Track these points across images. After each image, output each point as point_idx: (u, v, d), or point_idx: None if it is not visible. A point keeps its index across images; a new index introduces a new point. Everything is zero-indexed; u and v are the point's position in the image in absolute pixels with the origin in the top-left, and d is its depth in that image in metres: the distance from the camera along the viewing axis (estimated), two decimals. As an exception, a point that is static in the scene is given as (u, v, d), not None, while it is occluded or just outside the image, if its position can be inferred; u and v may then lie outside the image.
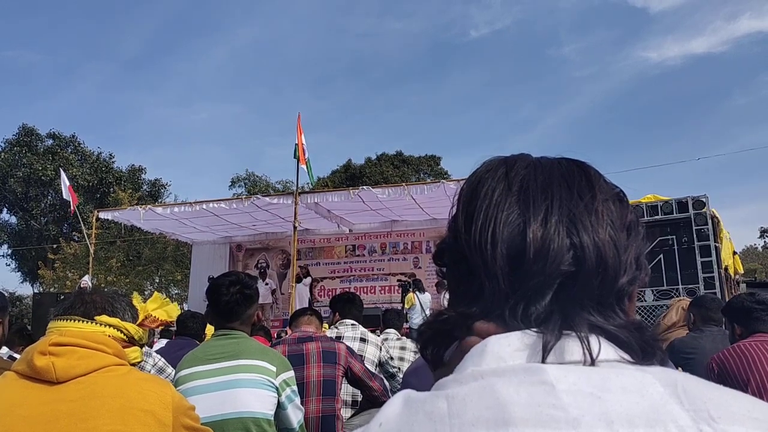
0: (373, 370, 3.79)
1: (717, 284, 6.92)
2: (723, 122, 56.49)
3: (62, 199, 14.37)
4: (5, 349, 3.17)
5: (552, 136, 54.87)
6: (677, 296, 6.20)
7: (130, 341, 1.59)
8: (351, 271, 15.18)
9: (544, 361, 0.49)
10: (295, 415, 2.47)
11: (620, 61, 55.62)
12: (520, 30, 56.50)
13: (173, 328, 5.01)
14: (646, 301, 7.11)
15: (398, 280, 13.80)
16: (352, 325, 4.05)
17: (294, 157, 11.32)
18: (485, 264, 0.55)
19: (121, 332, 1.56)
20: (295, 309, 3.98)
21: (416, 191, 12.01)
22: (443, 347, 0.58)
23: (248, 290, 2.54)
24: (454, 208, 0.62)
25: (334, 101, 58.90)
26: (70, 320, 1.51)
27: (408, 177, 29.98)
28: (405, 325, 7.89)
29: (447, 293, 0.61)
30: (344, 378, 3.30)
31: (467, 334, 0.55)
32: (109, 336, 1.51)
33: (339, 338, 3.79)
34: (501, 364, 0.50)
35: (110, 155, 30.68)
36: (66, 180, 14.14)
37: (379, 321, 6.55)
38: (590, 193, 0.57)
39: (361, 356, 3.77)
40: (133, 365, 1.55)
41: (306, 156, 11.47)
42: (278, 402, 2.41)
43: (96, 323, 1.52)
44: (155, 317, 1.57)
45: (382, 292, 14.68)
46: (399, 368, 4.28)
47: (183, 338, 4.50)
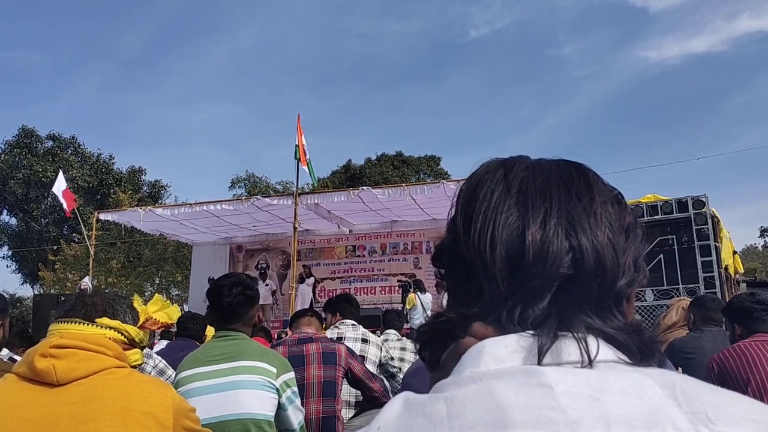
0: (374, 371, 3.79)
1: (717, 284, 6.92)
2: (723, 122, 56.58)
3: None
4: (5, 351, 3.17)
5: (552, 136, 54.93)
6: (677, 296, 6.21)
7: (131, 343, 1.59)
8: (351, 272, 15.18)
9: (540, 363, 0.49)
10: (296, 417, 2.47)
11: (620, 61, 55.70)
12: (520, 30, 56.59)
13: (173, 330, 5.01)
14: (646, 301, 7.10)
15: (398, 281, 13.77)
16: (353, 326, 4.05)
17: (295, 158, 11.31)
18: (484, 266, 0.55)
19: (122, 334, 1.56)
20: (298, 309, 3.98)
21: (416, 191, 12.01)
22: (441, 349, 0.58)
23: (250, 291, 2.54)
24: (453, 210, 0.62)
25: (334, 101, 58.99)
26: (71, 322, 1.51)
27: (408, 177, 29.99)
28: (406, 326, 7.89)
29: (446, 294, 0.61)
30: (344, 379, 3.30)
31: (461, 334, 0.55)
32: (110, 338, 1.51)
33: (340, 339, 3.79)
34: (499, 366, 0.50)
35: (110, 156, 30.76)
36: (61, 184, 14.06)
37: (380, 321, 6.55)
38: (589, 195, 0.58)
39: (363, 357, 3.77)
40: (134, 367, 1.55)
41: (307, 157, 11.46)
42: (279, 403, 2.41)
43: (97, 325, 1.52)
44: (156, 319, 1.57)
45: (383, 293, 14.68)
46: (399, 368, 4.29)
47: (183, 339, 4.50)
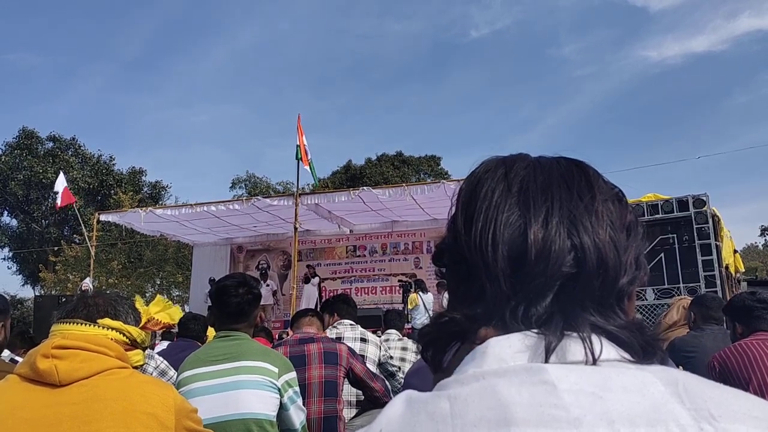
0: (374, 370, 3.79)
1: (718, 283, 6.92)
2: (723, 121, 56.58)
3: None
4: (7, 352, 3.17)
5: (552, 136, 54.98)
6: (678, 295, 6.20)
7: (133, 344, 1.59)
8: (352, 272, 15.18)
9: (547, 362, 0.49)
10: (298, 416, 2.47)
11: (620, 61, 55.73)
12: (521, 30, 56.63)
13: (175, 330, 5.02)
14: (647, 300, 7.10)
15: (399, 281, 13.77)
16: (351, 326, 4.05)
17: (296, 158, 11.31)
18: (486, 266, 0.55)
19: (124, 335, 1.56)
20: (302, 309, 3.98)
21: (416, 191, 12.02)
22: (444, 350, 0.58)
23: (255, 290, 2.55)
24: (453, 209, 0.62)
25: (335, 102, 59.03)
26: (73, 323, 1.51)
27: (408, 177, 30.00)
28: (407, 326, 7.89)
29: (446, 293, 0.61)
30: (346, 379, 3.30)
31: (470, 338, 0.55)
32: (112, 339, 1.51)
33: (339, 338, 3.79)
34: (502, 365, 0.50)
35: (111, 157, 30.77)
36: (62, 182, 14.08)
37: (381, 321, 6.55)
38: (590, 194, 0.57)
39: (363, 356, 3.77)
40: (136, 368, 1.55)
41: (309, 157, 11.46)
42: (280, 403, 2.41)
43: (99, 326, 1.52)
44: (158, 320, 1.56)
45: (383, 293, 14.68)
46: (400, 368, 4.29)
47: (185, 340, 4.50)
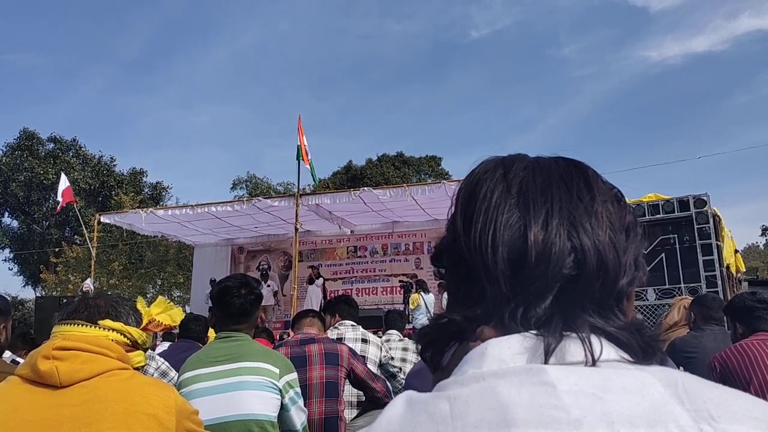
0: (375, 371, 3.79)
1: (719, 283, 6.92)
2: (724, 121, 56.54)
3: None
4: (8, 354, 3.18)
5: (552, 136, 54.97)
6: (679, 295, 6.19)
7: (134, 345, 1.59)
8: (353, 273, 15.17)
9: (547, 363, 0.49)
10: (299, 417, 2.47)
11: (620, 61, 55.71)
12: (521, 30, 56.62)
13: (176, 331, 5.02)
14: (648, 300, 7.10)
15: (400, 281, 13.77)
16: (352, 326, 4.05)
17: (297, 159, 11.31)
18: (486, 267, 0.55)
19: (125, 336, 1.56)
20: (303, 310, 3.99)
21: (417, 192, 12.02)
22: (443, 350, 0.58)
23: (257, 291, 2.56)
24: (453, 209, 0.62)
25: (335, 102, 59.04)
26: (74, 324, 1.51)
27: (409, 178, 30.00)
28: (408, 326, 7.88)
29: (446, 294, 0.61)
30: (347, 379, 3.30)
31: (468, 338, 0.55)
32: (113, 340, 1.51)
33: (340, 339, 3.79)
34: (502, 366, 0.49)
35: (111, 158, 30.80)
36: (64, 184, 14.10)
37: (382, 322, 6.55)
38: (589, 195, 0.57)
39: (364, 357, 3.77)
40: (137, 369, 1.55)
41: (309, 157, 11.46)
42: (281, 404, 2.41)
43: (100, 327, 1.52)
44: (159, 321, 1.56)
45: (384, 293, 14.68)
46: (401, 369, 4.29)
47: (186, 341, 4.50)
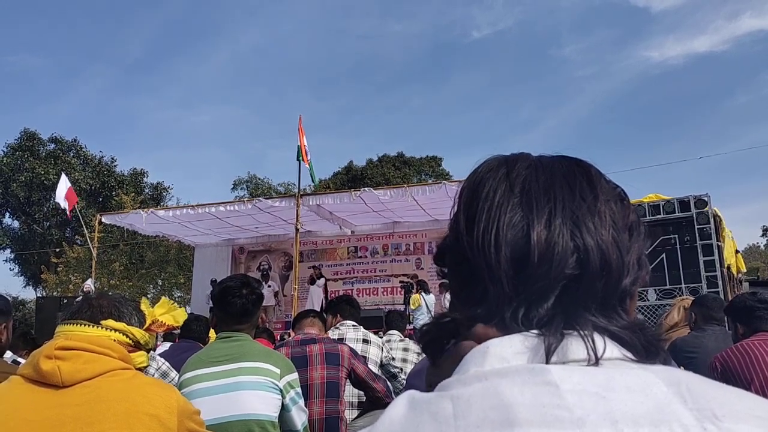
0: (376, 371, 3.79)
1: (720, 283, 6.92)
2: (724, 121, 56.58)
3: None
4: (9, 354, 3.18)
5: (553, 137, 54.99)
6: (680, 295, 6.19)
7: (136, 345, 1.59)
8: (353, 273, 15.18)
9: (548, 363, 0.49)
10: (299, 417, 2.47)
11: (621, 61, 55.74)
12: (522, 30, 56.65)
13: (177, 332, 5.02)
14: (649, 301, 7.10)
15: (401, 282, 13.78)
16: (354, 326, 4.04)
17: (297, 159, 11.32)
18: (489, 267, 0.55)
19: (127, 336, 1.56)
20: (304, 310, 3.99)
21: (418, 192, 12.03)
22: (444, 349, 0.57)
23: (258, 291, 2.56)
24: (455, 208, 0.61)
25: (336, 103, 59.09)
26: (77, 324, 1.51)
27: (409, 178, 30.00)
28: (409, 326, 7.89)
29: (447, 294, 0.61)
30: (347, 380, 3.30)
31: (468, 337, 0.54)
32: (115, 340, 1.51)
33: (341, 340, 3.79)
34: (504, 365, 0.49)
35: (112, 159, 30.82)
36: (65, 184, 14.07)
37: (382, 322, 6.55)
38: (592, 194, 0.57)
39: (365, 357, 3.77)
40: (139, 369, 1.55)
41: (308, 157, 11.47)
42: (282, 404, 2.41)
43: (102, 327, 1.52)
44: (162, 322, 1.57)
45: (385, 294, 14.68)
46: (402, 369, 4.29)
47: (186, 341, 4.50)
